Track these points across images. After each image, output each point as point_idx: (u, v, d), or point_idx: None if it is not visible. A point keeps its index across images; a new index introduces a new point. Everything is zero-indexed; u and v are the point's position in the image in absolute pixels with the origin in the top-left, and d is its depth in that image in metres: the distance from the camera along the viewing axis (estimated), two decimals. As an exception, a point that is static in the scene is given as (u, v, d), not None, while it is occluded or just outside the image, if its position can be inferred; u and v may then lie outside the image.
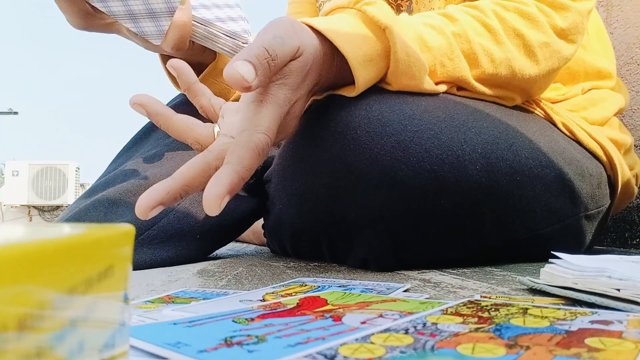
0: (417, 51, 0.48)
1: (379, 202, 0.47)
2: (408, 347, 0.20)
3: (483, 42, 0.53)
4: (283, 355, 0.19)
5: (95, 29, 0.57)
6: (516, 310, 0.27)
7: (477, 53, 0.52)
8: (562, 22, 0.57)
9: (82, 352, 0.13)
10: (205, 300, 0.33)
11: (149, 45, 0.57)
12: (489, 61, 0.53)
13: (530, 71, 0.55)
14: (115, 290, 0.16)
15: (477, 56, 0.53)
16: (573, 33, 0.58)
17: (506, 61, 0.54)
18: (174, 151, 0.62)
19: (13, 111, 10.63)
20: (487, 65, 0.53)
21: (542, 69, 0.56)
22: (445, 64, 0.51)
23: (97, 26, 0.56)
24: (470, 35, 0.52)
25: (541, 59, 0.56)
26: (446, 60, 0.51)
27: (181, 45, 0.55)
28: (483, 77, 0.54)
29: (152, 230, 0.57)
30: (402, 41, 0.47)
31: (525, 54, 0.55)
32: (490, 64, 0.53)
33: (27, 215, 5.71)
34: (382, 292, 0.35)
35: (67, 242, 0.13)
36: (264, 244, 0.85)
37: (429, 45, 0.50)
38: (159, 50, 0.58)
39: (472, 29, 0.53)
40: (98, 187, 0.60)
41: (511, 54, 0.54)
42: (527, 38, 0.55)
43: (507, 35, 0.54)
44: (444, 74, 0.52)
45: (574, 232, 0.59)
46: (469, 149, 0.48)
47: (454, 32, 0.52)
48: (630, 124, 0.89)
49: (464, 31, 0.52)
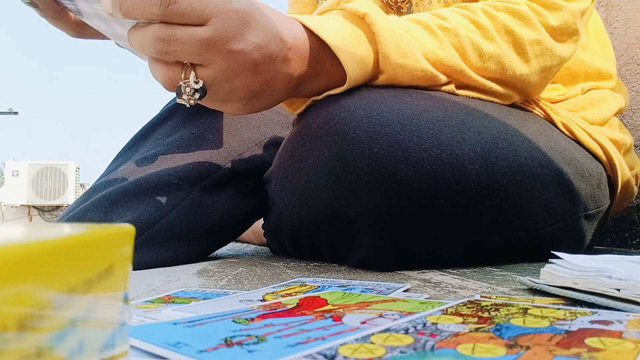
0: (401, 31, 0.49)
1: (379, 202, 0.47)
2: (408, 347, 0.20)
3: (472, 36, 0.53)
4: (283, 355, 0.19)
5: (89, 37, 0.58)
6: (516, 310, 0.27)
7: (465, 47, 0.53)
8: (555, 21, 0.57)
9: (82, 352, 0.13)
10: (205, 300, 0.33)
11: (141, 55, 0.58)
12: (477, 55, 0.53)
13: (521, 69, 0.55)
14: (115, 290, 0.16)
15: (465, 50, 0.53)
16: (565, 33, 0.58)
17: (496, 57, 0.54)
18: (173, 151, 0.62)
19: (13, 111, 10.63)
20: (475, 59, 0.53)
21: (533, 66, 0.56)
22: (437, 52, 0.52)
23: (91, 34, 0.58)
24: (459, 30, 0.53)
25: (532, 56, 0.56)
26: (436, 49, 0.52)
27: None
28: (473, 71, 0.54)
29: (152, 230, 0.57)
30: (384, 22, 0.48)
31: (516, 51, 0.55)
32: (479, 59, 0.53)
33: (27, 215, 5.72)
34: (382, 292, 0.35)
35: (67, 242, 0.13)
36: (264, 244, 0.85)
37: (413, 34, 0.51)
38: None
39: (461, 25, 0.53)
40: (98, 187, 0.60)
41: (501, 50, 0.54)
42: (518, 35, 0.55)
43: (497, 32, 0.54)
44: (437, 63, 0.52)
45: (574, 232, 0.59)
46: (468, 148, 0.48)
47: (441, 26, 0.53)
48: (630, 124, 0.89)
49: (453, 26, 0.53)
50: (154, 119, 0.67)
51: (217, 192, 0.62)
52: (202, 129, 0.64)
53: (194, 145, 0.62)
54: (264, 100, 0.49)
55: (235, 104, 0.49)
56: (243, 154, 0.64)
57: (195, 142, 0.63)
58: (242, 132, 0.65)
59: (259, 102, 0.49)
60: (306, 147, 0.51)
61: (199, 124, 0.64)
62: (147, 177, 0.59)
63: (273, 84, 0.48)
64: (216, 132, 0.64)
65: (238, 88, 0.47)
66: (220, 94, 0.47)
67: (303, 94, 0.53)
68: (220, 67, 0.44)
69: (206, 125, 0.64)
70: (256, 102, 0.49)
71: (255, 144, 0.65)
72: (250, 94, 0.48)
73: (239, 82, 0.46)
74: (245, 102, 0.49)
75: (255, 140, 0.65)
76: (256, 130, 0.66)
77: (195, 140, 0.63)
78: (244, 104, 0.49)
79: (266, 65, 0.46)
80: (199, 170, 0.60)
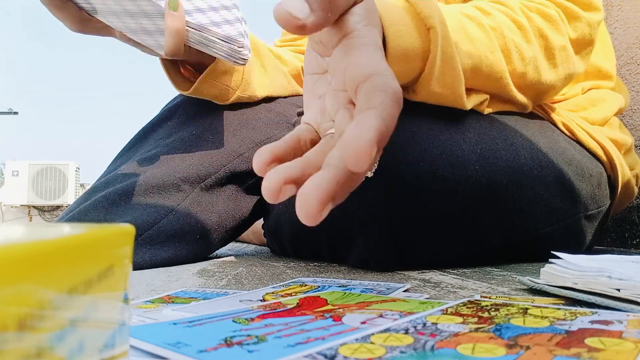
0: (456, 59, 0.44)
1: (379, 202, 0.47)
2: (408, 347, 0.20)
3: (515, 39, 0.51)
4: (283, 355, 0.19)
5: (91, 32, 0.57)
6: (516, 310, 0.27)
7: (510, 49, 0.51)
8: (573, 32, 0.56)
9: (82, 352, 0.13)
10: (205, 300, 0.33)
11: (145, 50, 0.57)
12: (519, 59, 0.51)
13: (550, 75, 0.54)
14: (115, 290, 0.16)
15: (510, 52, 0.51)
16: (581, 44, 0.57)
17: (534, 60, 0.52)
18: (173, 152, 0.62)
19: (13, 111, 10.63)
20: (518, 62, 0.51)
21: (560, 73, 0.55)
22: (488, 56, 0.49)
23: (94, 29, 0.56)
24: (504, 30, 0.51)
25: (559, 62, 0.55)
26: (489, 53, 0.49)
27: (176, 52, 0.54)
28: (514, 77, 0.52)
29: (152, 230, 0.57)
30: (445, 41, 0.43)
31: (546, 56, 0.54)
32: (521, 62, 0.52)
33: (27, 215, 5.71)
34: (382, 292, 0.35)
35: (67, 242, 0.13)
36: (264, 244, 0.85)
37: (471, 37, 0.48)
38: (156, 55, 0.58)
39: (505, 25, 0.51)
40: (98, 187, 0.60)
41: (538, 54, 0.53)
42: (550, 40, 0.53)
43: (534, 35, 0.53)
44: (487, 69, 0.49)
45: (574, 232, 0.59)
46: (468, 148, 0.48)
47: (490, 26, 0.50)
48: (630, 124, 0.89)
49: (498, 25, 0.51)
50: (154, 120, 0.67)
51: (217, 192, 0.62)
52: (202, 129, 0.64)
53: (194, 146, 0.62)
54: None
55: None
56: (243, 154, 0.64)
57: (195, 143, 0.63)
58: (242, 132, 0.65)
59: None
60: (306, 147, 0.51)
61: (199, 124, 0.64)
62: (147, 177, 0.59)
63: None
64: (216, 132, 0.64)
65: None
66: None
67: None
68: None
69: (206, 126, 0.64)
70: None
71: (255, 144, 0.65)
72: None
73: None
74: None
75: (255, 140, 0.65)
76: (256, 130, 0.66)
77: (195, 140, 0.63)
78: None
79: None
80: (199, 170, 0.60)
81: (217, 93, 0.63)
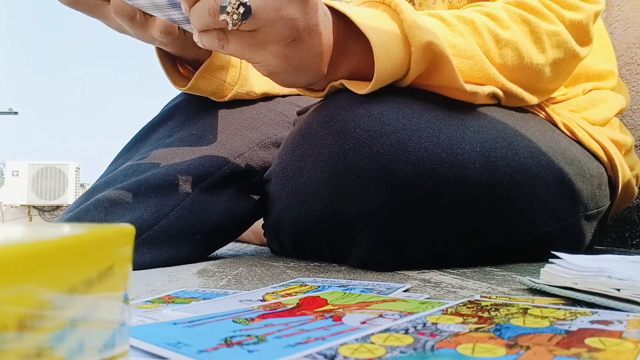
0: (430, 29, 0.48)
1: (379, 201, 0.47)
2: (408, 347, 0.20)
3: (488, 24, 0.53)
4: (283, 355, 0.19)
5: (82, 9, 0.54)
6: (516, 310, 0.27)
7: (482, 32, 0.52)
8: (573, 16, 0.57)
9: (82, 352, 0.13)
10: (205, 300, 0.33)
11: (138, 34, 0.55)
12: (493, 41, 0.53)
13: (538, 58, 0.55)
14: (115, 290, 0.16)
15: (482, 35, 0.52)
16: (581, 32, 0.58)
17: (513, 43, 0.53)
18: (173, 152, 0.62)
19: (13, 111, 10.63)
20: (491, 45, 0.52)
21: (549, 57, 0.56)
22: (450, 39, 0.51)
23: (85, 6, 0.54)
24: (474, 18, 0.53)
25: (548, 47, 0.55)
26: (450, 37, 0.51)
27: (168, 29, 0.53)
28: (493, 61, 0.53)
29: (152, 230, 0.57)
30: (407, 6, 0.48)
31: (532, 40, 0.55)
32: (495, 45, 0.53)
33: (27, 215, 5.72)
34: (382, 292, 0.35)
35: (67, 242, 0.13)
36: (264, 244, 0.85)
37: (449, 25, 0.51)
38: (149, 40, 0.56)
39: (476, 15, 0.53)
40: (98, 187, 0.60)
41: (518, 37, 0.54)
42: (534, 24, 0.54)
43: (514, 21, 0.54)
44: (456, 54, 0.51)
45: (574, 232, 0.59)
46: (468, 147, 0.48)
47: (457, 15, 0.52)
48: (631, 124, 0.89)
49: (469, 15, 0.52)
50: (154, 119, 0.67)
51: (217, 192, 0.61)
52: (202, 129, 0.64)
53: (194, 146, 0.62)
54: (300, 54, 0.47)
55: (274, 47, 0.45)
56: (243, 154, 0.64)
57: (195, 143, 0.63)
58: (242, 132, 0.65)
59: (295, 54, 0.46)
60: (306, 146, 0.51)
61: (199, 124, 0.64)
62: (148, 177, 0.59)
63: (313, 34, 0.46)
64: (216, 132, 0.64)
65: (284, 20, 0.44)
66: (263, 21, 0.43)
67: (331, 76, 0.51)
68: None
69: (206, 126, 0.64)
70: (292, 55, 0.46)
71: (255, 144, 0.65)
72: (292, 36, 0.45)
73: (286, 11, 0.44)
74: (283, 47, 0.46)
75: (255, 140, 0.65)
76: (256, 130, 0.66)
77: (195, 140, 0.63)
78: (282, 49, 0.46)
79: (313, 6, 0.45)
80: (199, 170, 0.60)
81: (214, 89, 0.63)
